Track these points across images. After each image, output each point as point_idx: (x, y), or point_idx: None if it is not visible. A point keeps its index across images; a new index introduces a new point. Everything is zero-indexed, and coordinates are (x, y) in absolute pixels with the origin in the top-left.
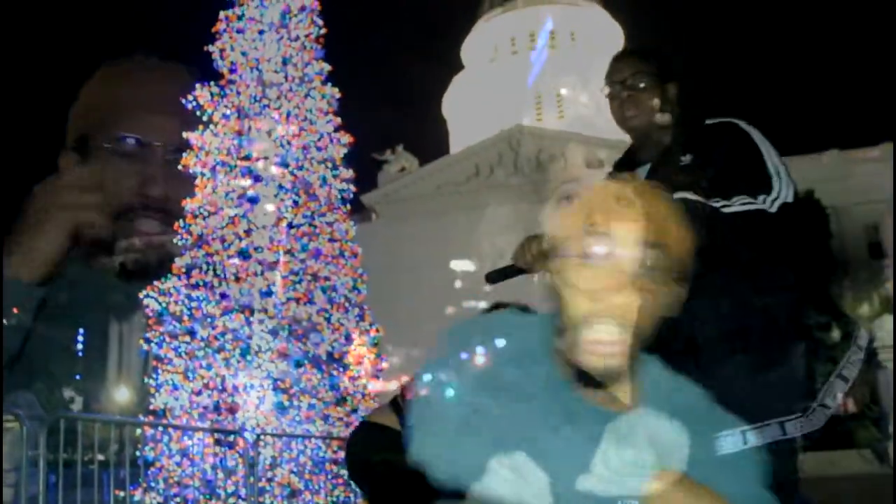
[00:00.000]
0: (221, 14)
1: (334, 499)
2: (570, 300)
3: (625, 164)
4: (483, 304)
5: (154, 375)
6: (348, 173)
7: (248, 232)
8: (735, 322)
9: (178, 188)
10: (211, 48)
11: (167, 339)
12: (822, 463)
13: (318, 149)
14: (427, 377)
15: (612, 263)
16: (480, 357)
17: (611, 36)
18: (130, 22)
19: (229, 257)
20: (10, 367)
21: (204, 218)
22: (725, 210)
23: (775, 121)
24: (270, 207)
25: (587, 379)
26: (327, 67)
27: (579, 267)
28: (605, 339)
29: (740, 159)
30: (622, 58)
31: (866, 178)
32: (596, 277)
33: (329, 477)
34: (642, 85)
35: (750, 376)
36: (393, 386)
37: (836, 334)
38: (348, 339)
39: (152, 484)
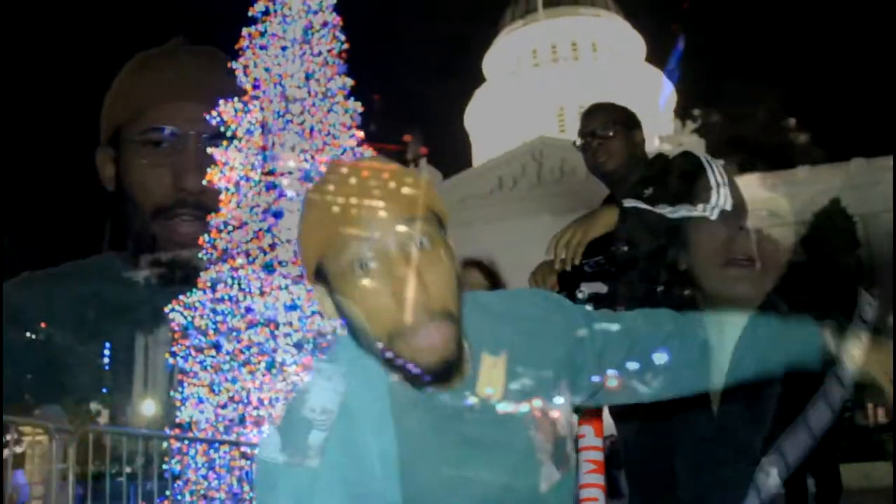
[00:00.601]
0: (244, 31)
1: None
2: (370, 313)
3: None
4: None
5: (180, 389)
6: None
7: (272, 246)
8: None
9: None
10: (235, 65)
11: (193, 353)
12: (854, 475)
13: None
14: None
15: (388, 260)
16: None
17: (632, 46)
18: (155, 39)
19: (254, 271)
20: (35, 380)
21: (229, 232)
22: (671, 216)
23: (801, 130)
24: (294, 221)
25: (431, 379)
26: (349, 82)
27: (359, 277)
28: (434, 335)
29: (686, 178)
30: (591, 111)
31: (893, 186)
32: (382, 280)
33: None
34: (610, 133)
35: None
36: None
37: None
38: None
39: (179, 497)
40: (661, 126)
